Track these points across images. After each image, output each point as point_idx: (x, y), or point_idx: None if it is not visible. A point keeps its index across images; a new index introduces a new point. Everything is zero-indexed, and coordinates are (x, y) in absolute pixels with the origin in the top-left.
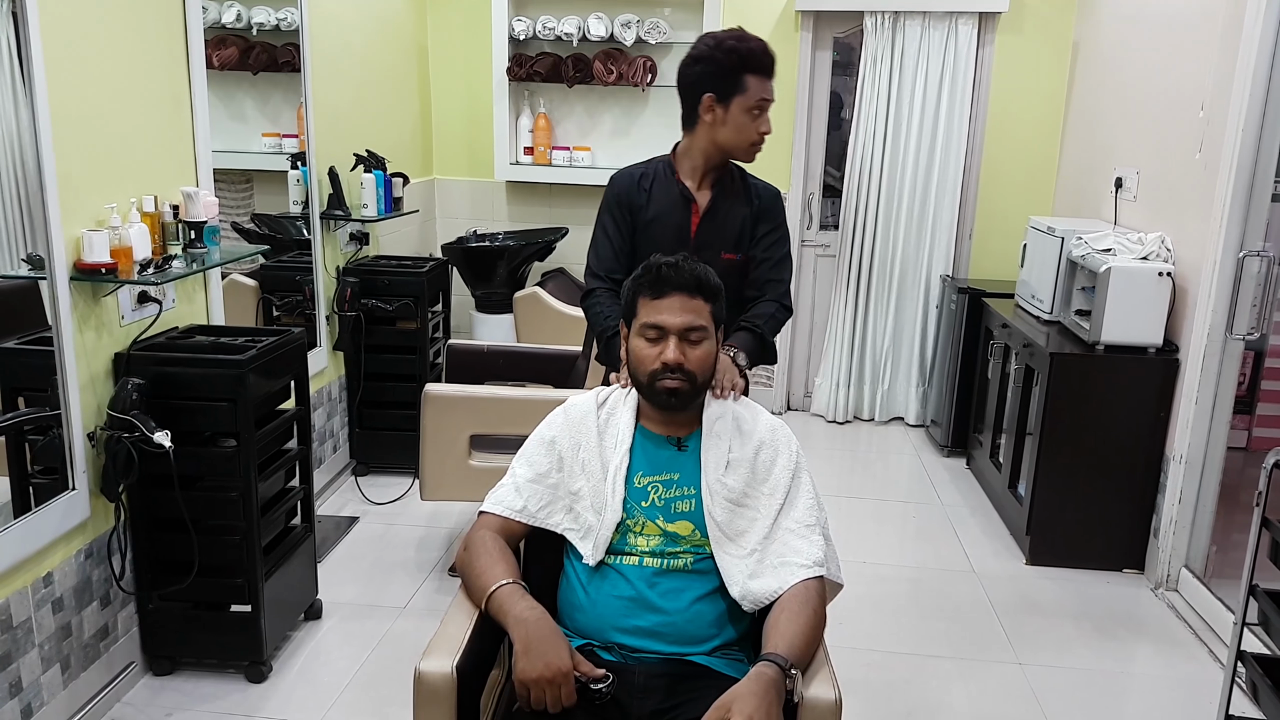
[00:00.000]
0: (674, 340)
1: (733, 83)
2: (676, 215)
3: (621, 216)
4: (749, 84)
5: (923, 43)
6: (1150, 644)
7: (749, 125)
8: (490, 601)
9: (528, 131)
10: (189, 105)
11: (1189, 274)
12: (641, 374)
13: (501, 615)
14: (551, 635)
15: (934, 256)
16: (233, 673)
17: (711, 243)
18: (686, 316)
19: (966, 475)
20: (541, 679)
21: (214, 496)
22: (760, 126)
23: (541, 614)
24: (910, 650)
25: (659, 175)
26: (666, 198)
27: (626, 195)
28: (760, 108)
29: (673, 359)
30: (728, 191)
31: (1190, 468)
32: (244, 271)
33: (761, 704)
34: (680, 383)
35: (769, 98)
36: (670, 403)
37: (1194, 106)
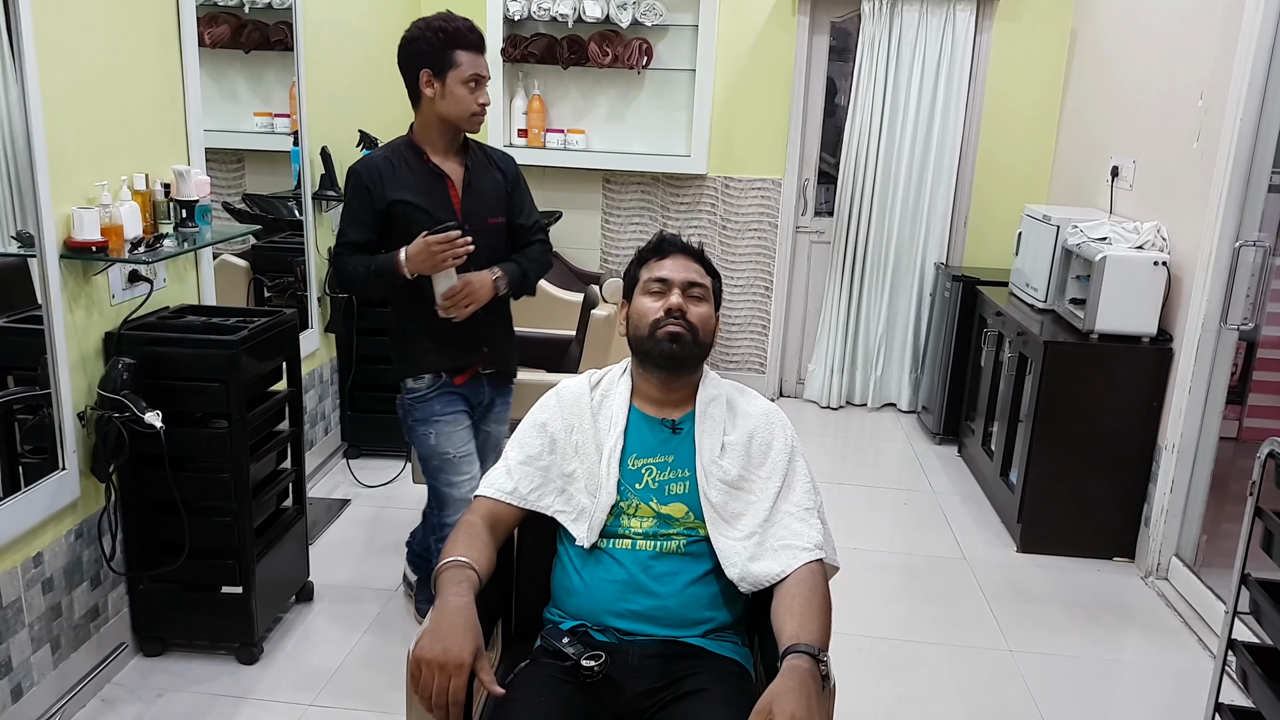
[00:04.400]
0: (677, 290)
1: (445, 59)
2: (434, 193)
3: (369, 204)
4: (460, 59)
5: (920, 28)
6: (1140, 632)
7: (467, 97)
8: (435, 579)
9: (522, 113)
10: (181, 83)
11: (1184, 263)
12: (643, 327)
13: (436, 594)
14: (463, 624)
15: (928, 244)
16: (224, 654)
17: (477, 211)
18: (689, 274)
19: (958, 462)
20: (434, 662)
21: (205, 477)
22: (479, 98)
23: (467, 604)
24: (901, 636)
25: (404, 158)
26: (418, 179)
27: (375, 183)
28: (475, 81)
29: (676, 303)
30: (477, 162)
31: (1182, 457)
32: (235, 252)
33: (802, 699)
34: (681, 328)
35: (482, 73)
36: (672, 350)
37: (1192, 96)
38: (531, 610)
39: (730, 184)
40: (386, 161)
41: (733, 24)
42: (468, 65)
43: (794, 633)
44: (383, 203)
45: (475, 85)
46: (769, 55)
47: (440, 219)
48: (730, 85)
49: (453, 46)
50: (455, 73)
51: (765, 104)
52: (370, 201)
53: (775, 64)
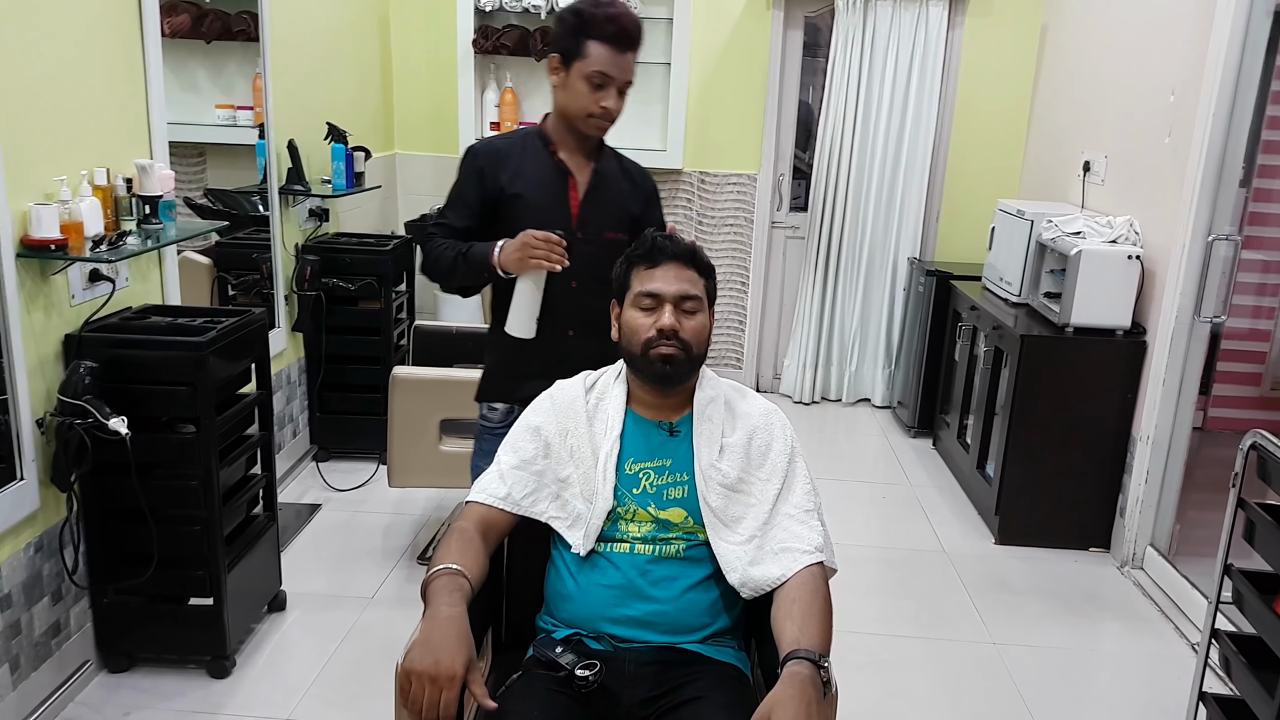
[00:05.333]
0: (669, 307)
1: (575, 46)
2: (551, 190)
3: (478, 189)
4: (590, 50)
5: (893, 24)
6: (1118, 621)
7: (586, 95)
8: (424, 588)
9: (494, 106)
10: (143, 74)
11: (1157, 257)
12: (635, 345)
13: (426, 604)
14: (454, 635)
15: (902, 239)
16: (194, 668)
17: (595, 220)
18: (681, 285)
19: (933, 456)
20: (425, 674)
21: (173, 485)
22: (602, 99)
23: (459, 614)
24: (884, 631)
25: (529, 148)
26: (540, 172)
27: (490, 167)
28: (600, 80)
29: (668, 324)
30: (609, 169)
31: (1157, 448)
32: (197, 249)
33: (802, 706)
34: (675, 349)
35: (611, 73)
36: (665, 371)
37: (1164, 91)
38: (523, 618)
39: (706, 179)
40: (510, 146)
41: (707, 18)
42: (596, 60)
43: (794, 638)
44: (494, 190)
45: (600, 85)
46: (744, 50)
47: (553, 219)
48: (705, 80)
49: (586, 34)
50: (581, 64)
51: (740, 99)
52: (481, 186)
53: (750, 58)
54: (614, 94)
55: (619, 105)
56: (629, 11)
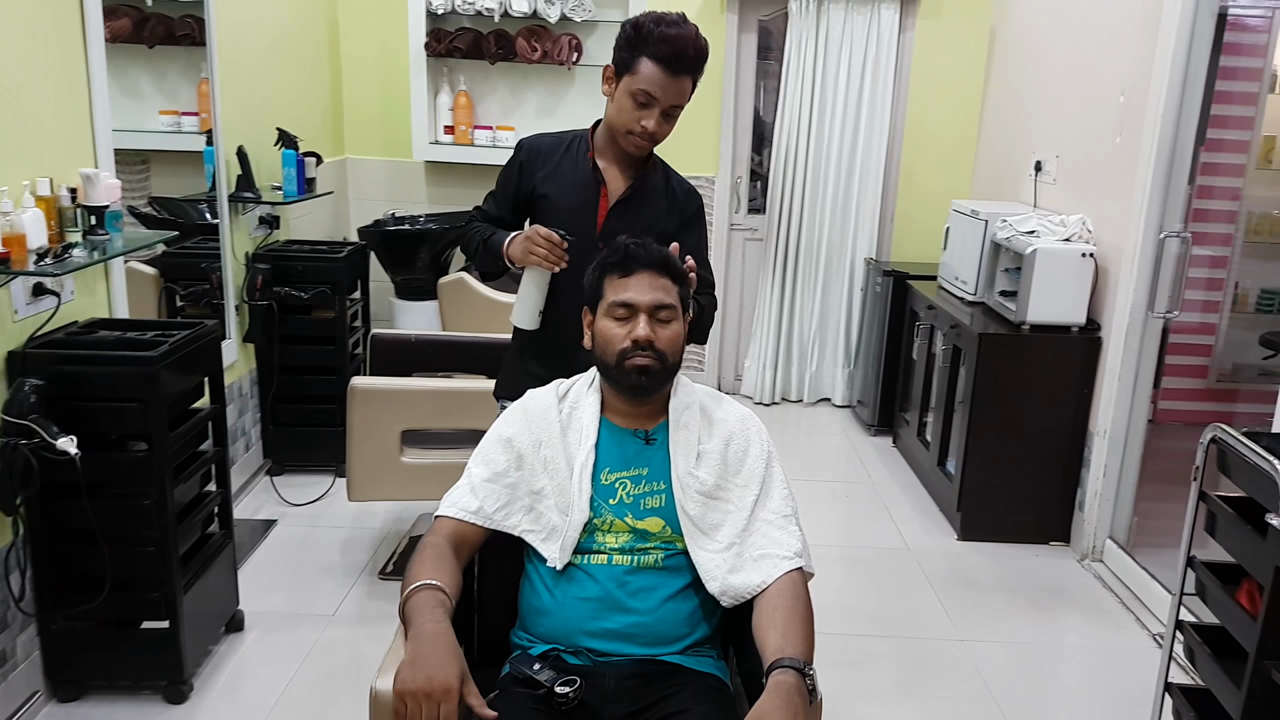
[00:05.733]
0: (644, 317)
1: (628, 59)
2: (580, 195)
3: (518, 181)
4: (640, 67)
5: (846, 27)
6: (1081, 614)
7: (630, 111)
8: (403, 606)
9: (447, 110)
10: (86, 80)
11: (1110, 255)
12: (610, 355)
13: (407, 623)
14: (443, 650)
15: (858, 240)
16: (149, 694)
17: (619, 232)
18: (656, 294)
19: (893, 454)
20: (419, 692)
21: (125, 505)
22: (643, 119)
23: (444, 630)
24: (851, 630)
25: (571, 149)
26: (573, 174)
27: (530, 163)
28: (645, 99)
29: (643, 335)
30: (650, 184)
31: (1114, 442)
32: (144, 259)
33: (789, 717)
34: (651, 360)
35: (656, 94)
36: (641, 382)
37: (1113, 92)
38: (496, 634)
39: None
40: (553, 146)
41: None
42: (645, 78)
43: (778, 646)
44: (529, 187)
45: (645, 104)
46: None
47: (577, 225)
48: None
49: (641, 51)
50: (630, 79)
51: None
52: (518, 181)
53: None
54: (657, 115)
55: (663, 128)
56: (691, 34)
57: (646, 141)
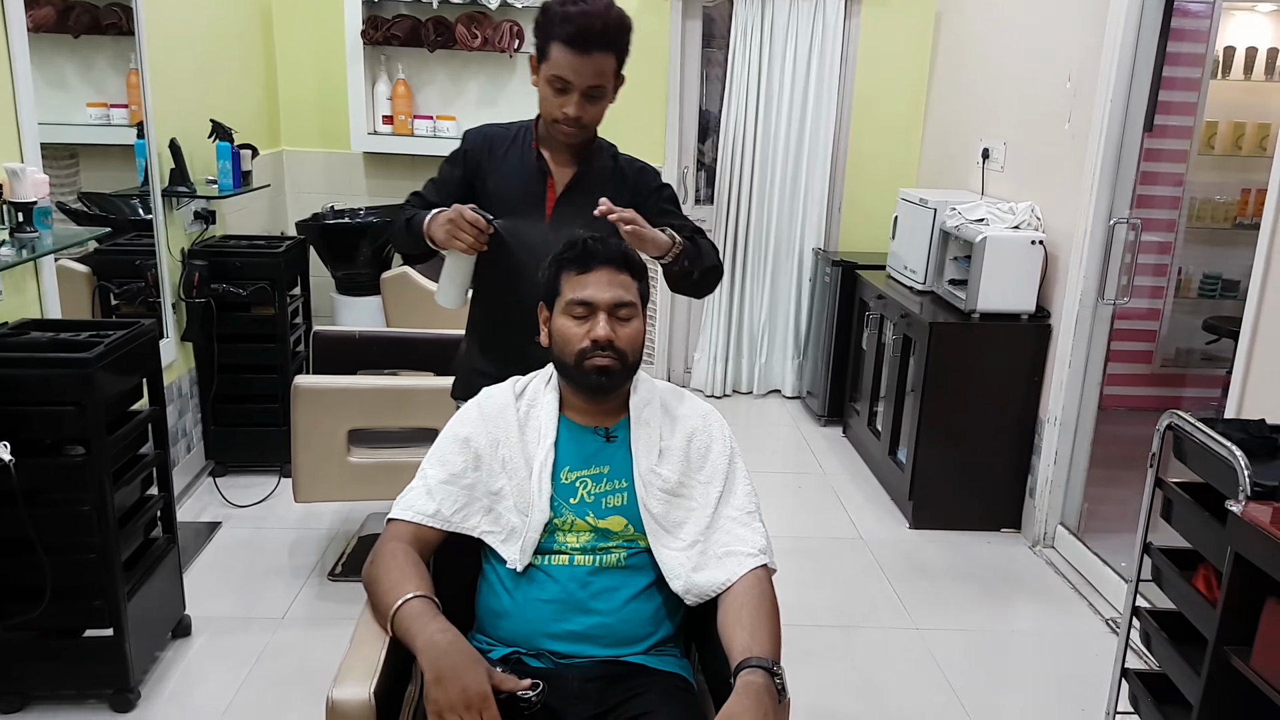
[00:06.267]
0: (603, 316)
1: (541, 45)
2: (527, 187)
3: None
4: (552, 52)
5: (791, 14)
6: (1034, 600)
7: (550, 100)
8: (395, 620)
9: (386, 99)
10: (8, 70)
11: (1059, 241)
12: (568, 355)
13: (408, 636)
14: (465, 657)
15: (806, 230)
16: (94, 703)
17: (569, 222)
18: (615, 291)
19: (844, 444)
20: (458, 706)
21: (63, 511)
22: (562, 105)
23: (454, 635)
24: (806, 621)
25: (517, 140)
26: (519, 165)
27: (475, 155)
28: (561, 84)
29: (603, 335)
30: (596, 169)
31: (1064, 429)
32: (75, 257)
33: (759, 718)
34: (610, 360)
35: (569, 77)
36: (600, 383)
37: (1060, 78)
38: None
39: None
40: (501, 136)
41: None
42: (555, 63)
43: (745, 646)
44: (476, 178)
45: (561, 89)
46: (643, 40)
47: (526, 215)
48: None
49: (549, 35)
50: (545, 66)
51: (642, 91)
52: (463, 170)
53: (650, 49)
54: (576, 99)
55: (588, 111)
56: (599, 8)
57: (573, 128)
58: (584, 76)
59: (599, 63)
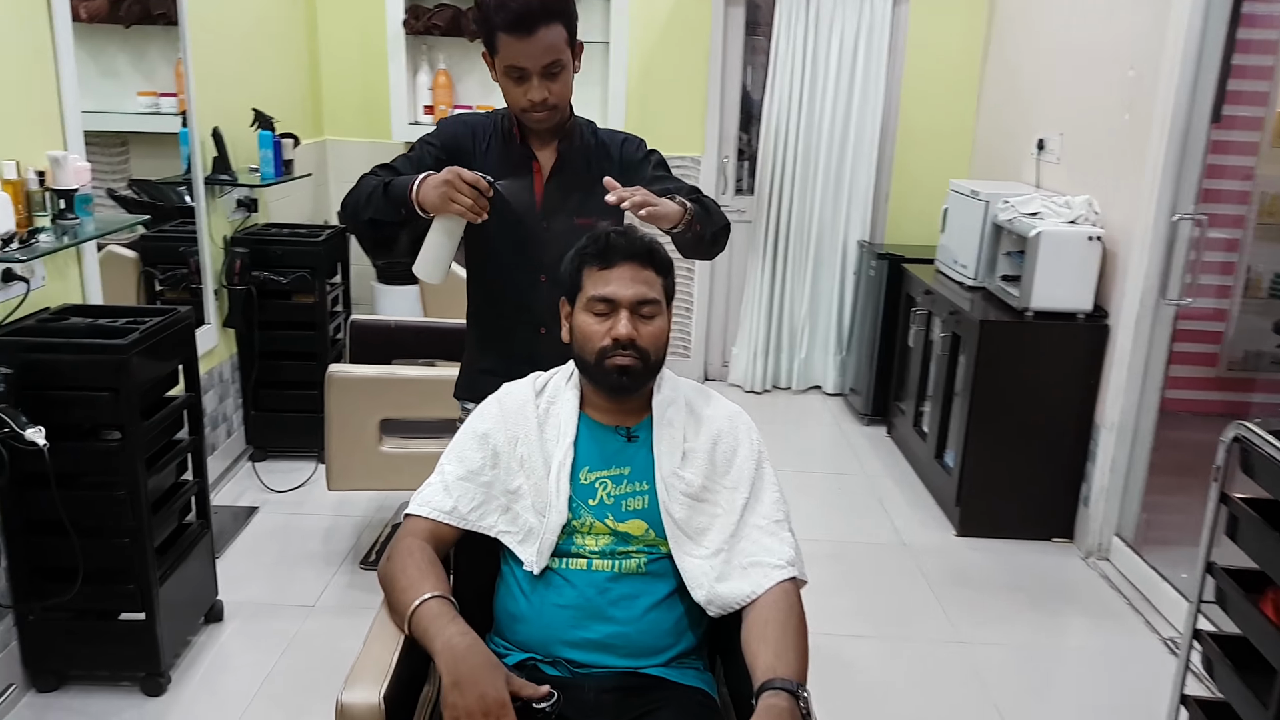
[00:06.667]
0: (625, 314)
1: (488, 41)
2: (514, 175)
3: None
4: (500, 44)
5: (837, 1)
6: (1086, 616)
7: (512, 90)
8: (413, 621)
9: (427, 89)
10: (53, 59)
11: (1118, 238)
12: (589, 353)
13: (426, 638)
14: (484, 662)
15: (851, 221)
16: (127, 685)
17: (562, 206)
18: (638, 288)
19: (888, 444)
20: (475, 713)
21: (98, 495)
22: (526, 92)
23: (473, 639)
24: (844, 631)
25: (498, 131)
26: (504, 155)
27: (454, 141)
28: (517, 73)
29: (624, 333)
30: (577, 148)
31: (1122, 435)
32: (123, 243)
33: None
34: (632, 359)
35: (523, 63)
36: (621, 383)
37: (1121, 65)
38: None
39: None
40: (477, 129)
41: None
42: (505, 54)
43: (769, 665)
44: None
45: (518, 77)
46: (684, 28)
47: (517, 205)
48: (646, 60)
49: (491, 27)
50: (498, 60)
51: (682, 79)
52: (442, 151)
53: (691, 37)
54: (536, 83)
55: (553, 91)
56: None
57: (544, 113)
58: (537, 57)
59: (548, 38)
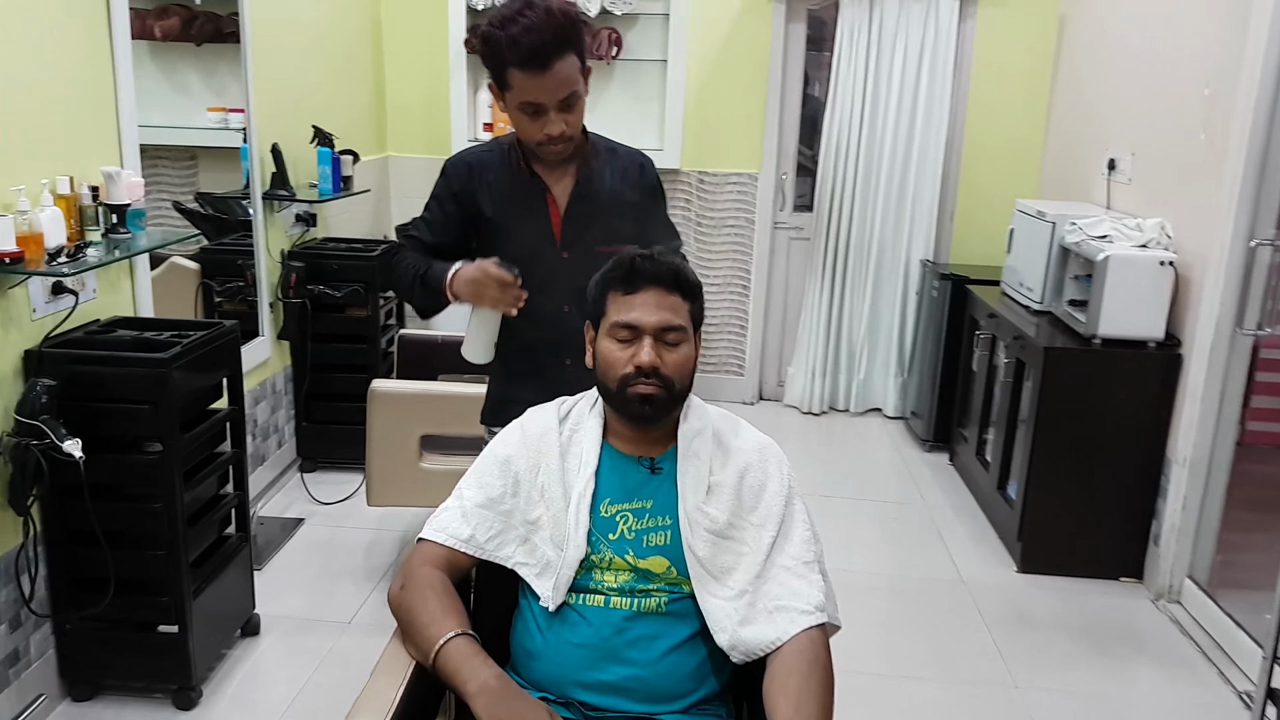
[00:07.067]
0: (649, 341)
1: (498, 75)
2: (528, 209)
3: (453, 209)
4: (511, 79)
5: (901, 15)
6: (1154, 663)
7: (527, 125)
8: (439, 659)
9: (487, 107)
10: (111, 76)
11: (1192, 263)
12: (611, 380)
13: (457, 678)
14: (524, 701)
15: (913, 240)
16: (160, 698)
17: (582, 236)
18: (663, 314)
19: (949, 472)
20: None
21: (136, 507)
22: (542, 127)
23: (505, 679)
24: (893, 671)
25: (505, 162)
26: (516, 189)
27: (461, 185)
28: (533, 109)
29: (647, 361)
30: (595, 173)
31: (1195, 470)
32: (186, 254)
33: None
34: (655, 388)
35: (538, 99)
36: (644, 412)
37: (1197, 83)
38: None
39: (705, 179)
40: (485, 161)
41: (705, 12)
42: (519, 90)
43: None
44: (470, 210)
45: (534, 113)
46: (743, 45)
47: (534, 242)
48: (703, 76)
49: (502, 63)
50: (510, 95)
51: (740, 95)
52: (454, 206)
53: (750, 54)
54: (553, 117)
55: (569, 123)
56: (537, 22)
57: (562, 145)
58: (554, 91)
59: (563, 71)
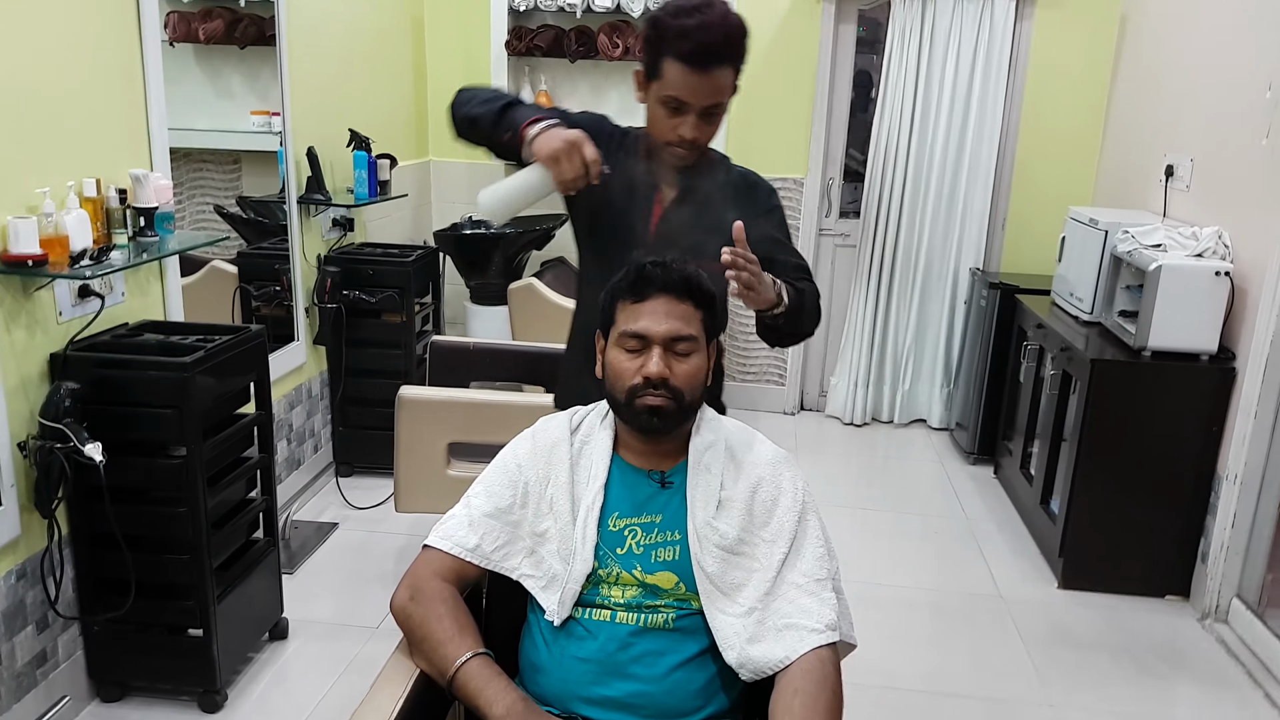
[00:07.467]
0: (658, 351)
1: (652, 62)
2: (636, 195)
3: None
4: (666, 70)
5: (955, 16)
6: (1199, 684)
7: (663, 120)
8: (457, 680)
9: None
10: (141, 79)
11: (1250, 274)
12: (619, 391)
13: (478, 699)
14: None
15: (963, 248)
16: (187, 700)
17: (676, 241)
18: (672, 323)
19: (994, 485)
20: None
21: (160, 511)
22: (677, 126)
23: (529, 703)
24: (928, 688)
25: (625, 146)
26: (632, 174)
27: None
28: (676, 105)
29: (655, 372)
30: (710, 185)
31: (1246, 488)
32: (226, 258)
33: None
34: (664, 400)
35: (687, 98)
36: (652, 424)
37: (1259, 87)
38: None
39: None
40: (613, 134)
41: (752, 13)
42: (670, 82)
43: None
44: None
45: (676, 109)
46: (791, 46)
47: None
48: (749, 79)
49: (662, 51)
50: (657, 85)
51: (787, 99)
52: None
53: (798, 56)
54: (693, 120)
55: (704, 131)
56: (716, 20)
57: (688, 150)
58: (702, 96)
59: (718, 79)
